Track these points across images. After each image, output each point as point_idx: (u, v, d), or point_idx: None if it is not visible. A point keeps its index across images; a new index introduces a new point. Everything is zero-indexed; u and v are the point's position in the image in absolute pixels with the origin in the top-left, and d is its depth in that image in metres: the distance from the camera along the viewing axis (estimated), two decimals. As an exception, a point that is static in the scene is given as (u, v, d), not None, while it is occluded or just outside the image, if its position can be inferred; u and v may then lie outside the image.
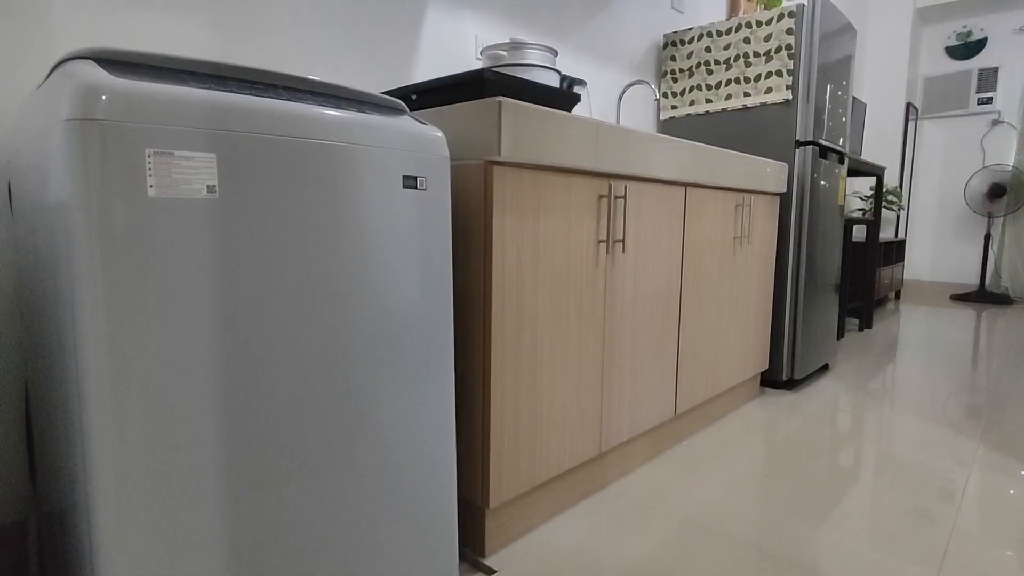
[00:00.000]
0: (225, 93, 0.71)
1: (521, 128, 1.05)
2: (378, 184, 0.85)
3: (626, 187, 1.35)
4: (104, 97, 0.62)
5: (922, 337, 3.40)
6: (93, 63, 0.67)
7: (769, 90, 2.24)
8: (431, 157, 0.94)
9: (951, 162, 5.26)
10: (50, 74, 0.70)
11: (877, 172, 3.50)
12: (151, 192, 0.64)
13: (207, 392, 0.69)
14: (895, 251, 4.69)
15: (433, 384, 0.95)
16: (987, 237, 4.96)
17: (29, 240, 0.82)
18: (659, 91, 2.60)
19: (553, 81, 1.65)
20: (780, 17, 2.19)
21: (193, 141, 0.67)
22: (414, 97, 1.29)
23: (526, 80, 1.21)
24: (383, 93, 1.34)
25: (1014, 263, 4.98)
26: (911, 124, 5.27)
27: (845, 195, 2.56)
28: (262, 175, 0.73)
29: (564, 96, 1.31)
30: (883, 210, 5.11)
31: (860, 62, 5.10)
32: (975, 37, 5.10)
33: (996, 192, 4.85)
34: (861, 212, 5.10)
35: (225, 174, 0.69)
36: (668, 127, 2.54)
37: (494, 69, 1.59)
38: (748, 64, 2.28)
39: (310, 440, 0.79)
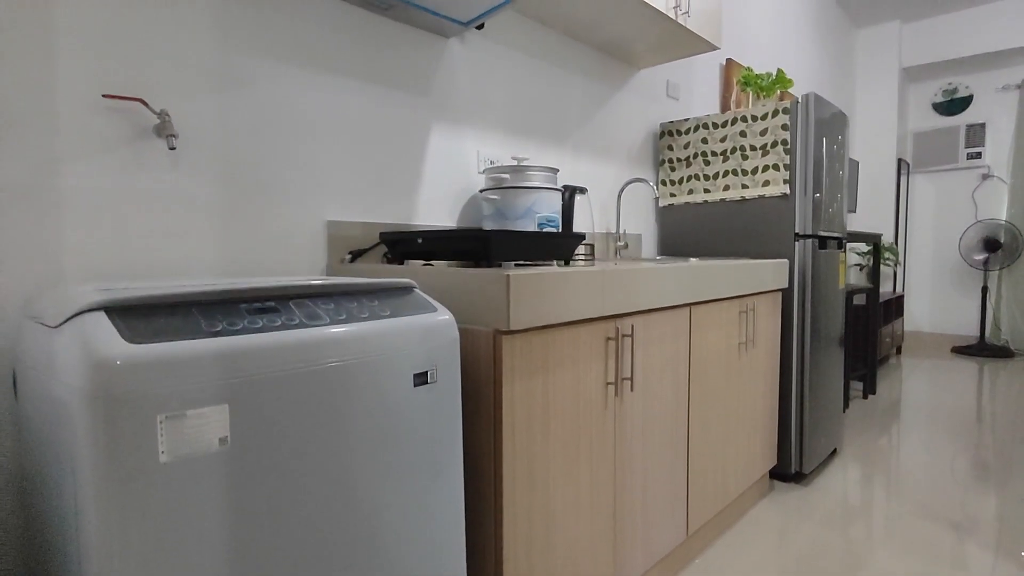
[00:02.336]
0: (235, 337, 0.70)
1: (529, 296, 1.05)
2: (390, 388, 0.84)
3: (632, 325, 1.34)
4: (119, 363, 0.61)
5: (926, 403, 3.37)
6: (106, 316, 0.66)
7: (767, 183, 2.26)
8: (441, 343, 0.93)
9: (944, 215, 5.31)
10: (66, 321, 0.69)
11: (873, 239, 3.53)
12: (163, 458, 0.63)
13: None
14: (894, 307, 4.70)
15: (445, 559, 0.93)
16: (984, 290, 4.98)
17: (35, 429, 0.80)
18: (657, 178, 2.63)
19: (556, 201, 1.66)
20: (775, 113, 2.23)
21: (205, 395, 0.66)
22: (420, 240, 1.30)
23: (529, 234, 1.22)
24: (389, 233, 1.34)
25: (1013, 315, 4.99)
26: (903, 179, 5.34)
27: (845, 278, 2.57)
28: (275, 415, 0.71)
29: (568, 243, 1.32)
30: (880, 266, 5.13)
31: (850, 120, 5.19)
32: (961, 94, 5.21)
33: (990, 246, 4.89)
34: (859, 267, 5.13)
35: (237, 422, 0.68)
36: (666, 214, 2.56)
37: (496, 189, 1.61)
38: (745, 157, 2.31)
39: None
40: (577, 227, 2.19)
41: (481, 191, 1.70)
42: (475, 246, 1.17)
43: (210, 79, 1.23)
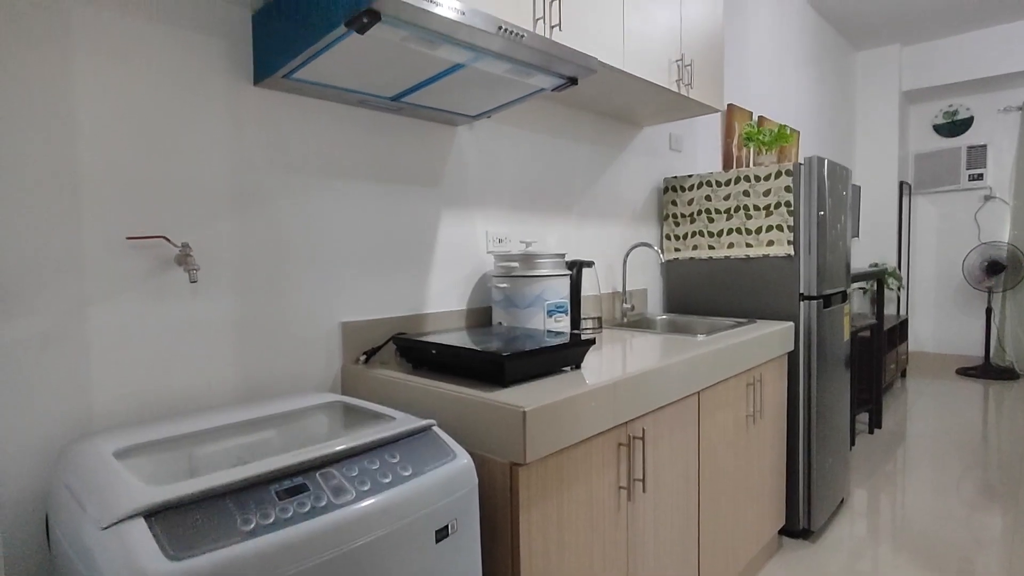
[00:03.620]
0: (270, 536, 0.73)
1: (545, 428, 1.08)
2: (414, 550, 0.87)
3: (643, 428, 1.37)
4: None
5: (933, 435, 3.39)
6: (146, 526, 0.69)
7: (771, 243, 2.29)
8: (462, 492, 0.96)
9: (946, 236, 5.33)
10: (108, 527, 0.71)
11: (877, 276, 3.55)
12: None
13: None
14: (898, 332, 4.72)
15: None
16: (988, 311, 4.99)
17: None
18: (661, 232, 2.66)
19: (564, 287, 1.69)
20: (778, 175, 2.25)
21: (242, 604, 0.69)
22: (434, 351, 1.33)
23: (541, 351, 1.24)
24: (403, 339, 1.36)
25: (1017, 337, 5.00)
26: (905, 200, 5.35)
27: (850, 328, 2.59)
28: (306, 608, 0.74)
29: (578, 351, 1.34)
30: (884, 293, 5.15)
31: (851, 143, 5.21)
32: (961, 116, 5.23)
33: (994, 268, 4.90)
34: (862, 291, 5.14)
35: (272, 623, 0.71)
36: (671, 268, 2.58)
37: (505, 277, 1.63)
38: (749, 216, 2.34)
39: None
40: (585, 290, 2.21)
41: (490, 275, 1.73)
42: (490, 369, 1.20)
43: (228, 202, 1.26)
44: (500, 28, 1.14)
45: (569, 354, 1.32)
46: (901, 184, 5.18)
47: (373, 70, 1.26)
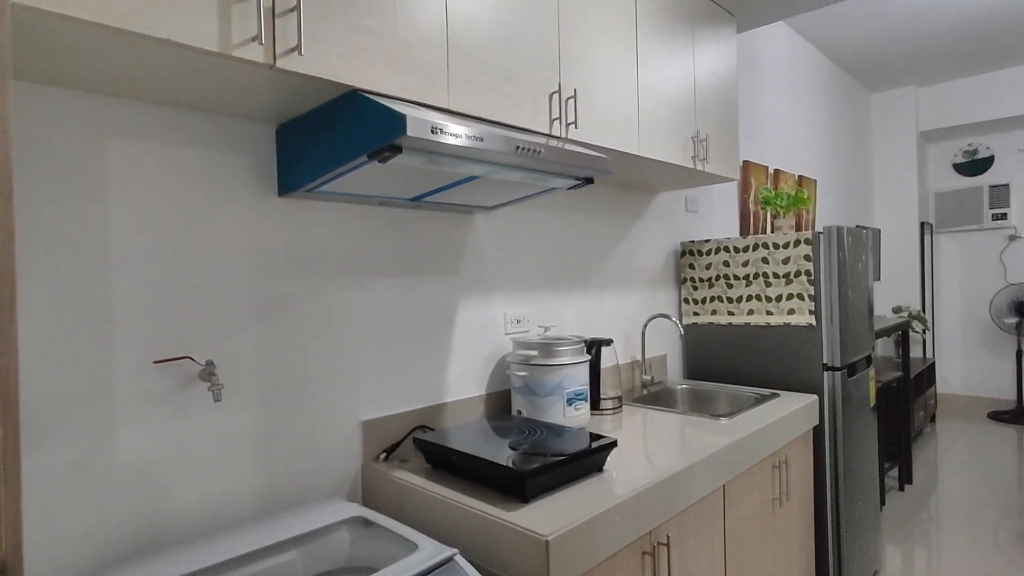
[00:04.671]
0: None
1: (568, 553, 1.06)
2: None
3: (668, 535, 1.34)
4: None
5: (967, 491, 3.27)
6: None
7: (792, 311, 2.26)
8: (484, 633, 0.94)
9: (971, 276, 5.23)
10: None
11: (902, 327, 3.48)
12: None
13: None
14: (926, 376, 4.61)
15: None
16: (1019, 354, 4.86)
17: None
18: (679, 296, 2.64)
19: (583, 374, 1.68)
20: (796, 243, 2.24)
21: None
22: (454, 458, 1.32)
23: (562, 462, 1.23)
24: (423, 441, 1.35)
25: (1050, 380, 4.86)
26: (927, 239, 5.28)
27: (876, 384, 2.54)
28: None
29: (600, 456, 1.33)
30: (909, 337, 5.05)
31: (869, 184, 5.17)
32: (981, 155, 5.18)
33: (1022, 310, 4.79)
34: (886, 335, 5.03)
35: None
36: (690, 332, 2.56)
37: (524, 365, 1.63)
38: (768, 284, 2.32)
39: None
40: (604, 361, 2.20)
41: (509, 360, 1.73)
42: (511, 482, 1.19)
43: (251, 312, 1.28)
44: (518, 148, 1.15)
45: (591, 461, 1.30)
46: (922, 224, 5.12)
47: (394, 183, 1.29)
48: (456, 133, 1.05)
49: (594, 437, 1.37)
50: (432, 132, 1.01)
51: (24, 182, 1.00)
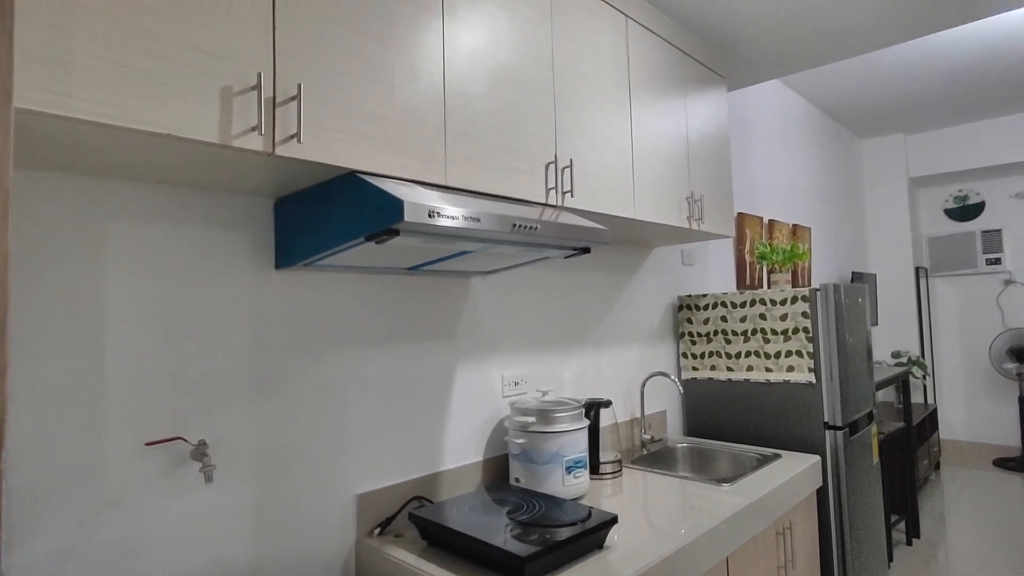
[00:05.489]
0: None
1: (567, 646, 1.02)
2: None
3: (672, 616, 1.30)
4: None
5: (976, 545, 3.19)
6: None
7: (791, 368, 2.25)
8: None
9: (969, 321, 5.24)
10: None
11: (903, 377, 3.46)
12: None
13: None
14: (928, 423, 4.55)
15: None
16: (1021, 400, 4.82)
17: None
18: (678, 350, 2.63)
19: (583, 440, 1.66)
20: (794, 300, 2.24)
21: None
22: (451, 537, 1.29)
23: (562, 543, 1.20)
24: (419, 518, 1.31)
25: (1054, 426, 4.81)
26: (922, 282, 5.30)
27: (879, 452, 2.50)
28: None
29: (600, 533, 1.30)
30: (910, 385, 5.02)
31: (863, 229, 5.22)
32: (972, 201, 5.25)
33: (1021, 355, 4.78)
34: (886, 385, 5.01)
35: None
36: (690, 387, 2.54)
37: (522, 432, 1.60)
38: (767, 340, 2.31)
39: None
40: (603, 420, 2.17)
41: (507, 425, 1.70)
42: (509, 567, 1.16)
43: (245, 388, 1.26)
44: (515, 226, 1.16)
45: (592, 539, 1.27)
46: (917, 269, 5.14)
47: (391, 257, 1.29)
48: (453, 215, 1.06)
49: (594, 513, 1.34)
50: (429, 216, 1.02)
51: (20, 264, 1.00)
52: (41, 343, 1.01)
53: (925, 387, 5.17)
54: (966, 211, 5.27)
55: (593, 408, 1.88)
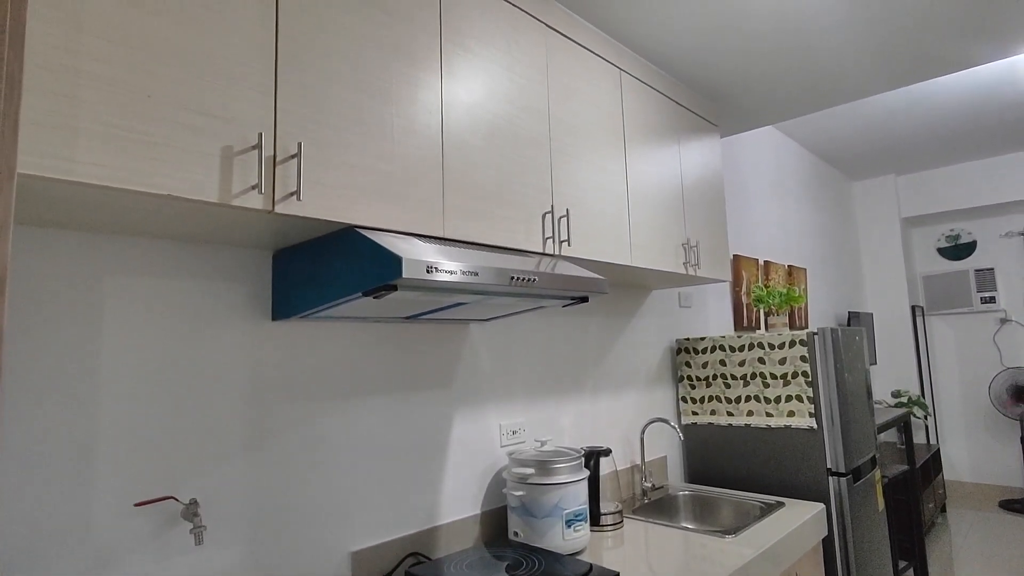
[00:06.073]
0: None
1: None
2: None
3: None
4: None
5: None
6: None
7: (792, 413, 2.23)
8: None
9: (967, 359, 5.22)
10: None
11: (904, 419, 3.44)
12: None
13: None
14: (932, 464, 4.49)
15: None
16: (1023, 440, 4.78)
17: None
18: (677, 394, 2.61)
19: (583, 492, 1.63)
20: (792, 344, 2.24)
21: None
22: (448, 596, 1.25)
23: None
24: (414, 558, 1.27)
25: (1059, 466, 4.75)
26: (919, 321, 5.31)
27: (884, 496, 2.46)
28: None
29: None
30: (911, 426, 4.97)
31: (858, 269, 5.26)
32: (964, 240, 5.30)
33: (1021, 395, 4.76)
34: (887, 428, 4.97)
35: None
36: (690, 432, 2.51)
37: (521, 484, 1.57)
38: (766, 384, 2.30)
39: None
40: (603, 468, 2.14)
41: (505, 476, 1.67)
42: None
43: (239, 444, 1.24)
44: (513, 279, 1.16)
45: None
46: (913, 308, 5.16)
47: (388, 309, 1.29)
48: (451, 269, 1.06)
49: (595, 570, 1.30)
50: (428, 271, 1.02)
51: (15, 321, 0.99)
52: (31, 400, 1.00)
53: (927, 427, 5.12)
54: (958, 250, 5.32)
55: (593, 457, 1.86)
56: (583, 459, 1.71)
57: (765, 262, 3.51)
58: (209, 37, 0.95)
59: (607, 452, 1.88)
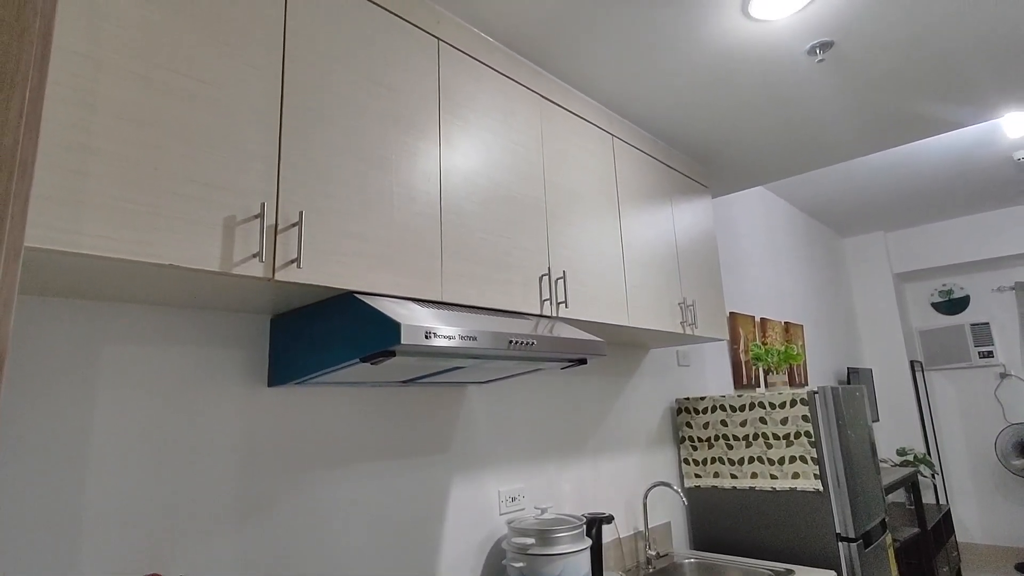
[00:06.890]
0: None
1: None
2: None
3: None
4: None
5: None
6: None
7: (796, 475, 2.18)
8: None
9: (970, 414, 5.16)
10: None
11: (911, 479, 3.36)
12: None
13: None
14: (943, 526, 4.36)
15: None
16: (1035, 498, 4.66)
17: None
18: (679, 455, 2.56)
19: (584, 562, 1.57)
20: (793, 403, 2.22)
21: None
22: None
23: None
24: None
25: (1073, 526, 4.62)
26: (919, 376, 5.28)
27: (897, 564, 2.38)
28: None
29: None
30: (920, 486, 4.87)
31: (854, 325, 5.27)
32: (957, 295, 5.35)
33: (1028, 451, 4.68)
34: (892, 489, 4.86)
35: None
36: (693, 495, 2.45)
37: (521, 555, 1.52)
38: (769, 445, 2.26)
39: None
40: (605, 536, 2.07)
41: (504, 547, 1.61)
42: None
43: (231, 516, 1.20)
44: (511, 343, 1.17)
45: None
46: (912, 363, 5.14)
47: (386, 373, 1.28)
48: (449, 335, 1.06)
49: (600, 648, 1.24)
50: (426, 337, 1.02)
51: (7, 389, 0.98)
52: (19, 471, 0.98)
53: (935, 486, 5.00)
54: (952, 305, 5.36)
55: (595, 525, 1.80)
56: (585, 527, 1.66)
57: (761, 319, 3.52)
58: (216, 113, 0.99)
59: (609, 519, 1.83)
